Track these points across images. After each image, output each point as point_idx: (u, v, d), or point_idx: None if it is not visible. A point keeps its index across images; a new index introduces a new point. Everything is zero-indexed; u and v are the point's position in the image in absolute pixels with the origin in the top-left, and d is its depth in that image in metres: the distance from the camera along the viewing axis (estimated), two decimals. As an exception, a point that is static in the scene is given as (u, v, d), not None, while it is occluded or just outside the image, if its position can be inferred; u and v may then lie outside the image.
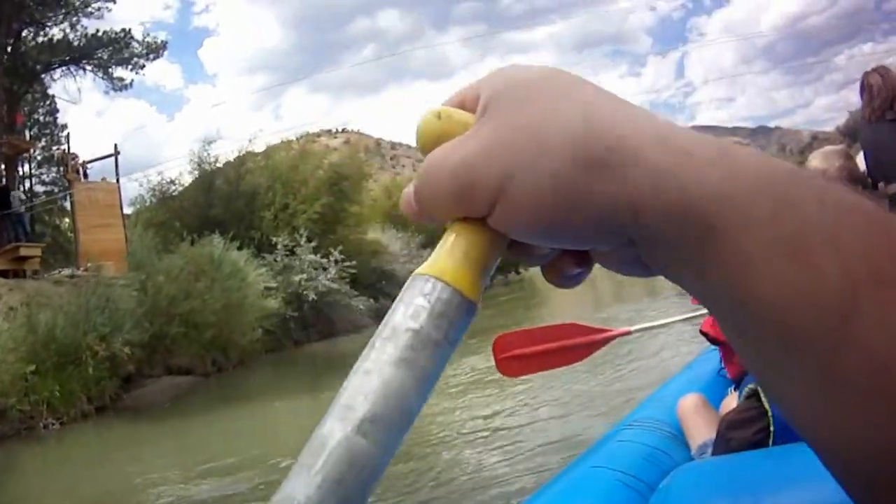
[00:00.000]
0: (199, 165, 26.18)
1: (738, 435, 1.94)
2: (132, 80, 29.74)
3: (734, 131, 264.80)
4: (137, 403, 13.94)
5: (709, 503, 1.54)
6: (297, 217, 24.79)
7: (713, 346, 3.30)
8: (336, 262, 23.54)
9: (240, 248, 20.85)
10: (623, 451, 2.45)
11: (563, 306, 20.48)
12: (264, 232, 24.12)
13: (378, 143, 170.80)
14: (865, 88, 3.10)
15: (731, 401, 2.54)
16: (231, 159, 27.05)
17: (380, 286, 27.63)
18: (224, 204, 25.06)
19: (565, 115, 0.37)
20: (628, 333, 3.92)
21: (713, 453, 2.12)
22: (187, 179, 26.43)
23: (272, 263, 22.52)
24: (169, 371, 15.90)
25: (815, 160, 2.96)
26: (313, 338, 22.41)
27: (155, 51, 29.79)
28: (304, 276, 22.65)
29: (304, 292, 22.29)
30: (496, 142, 0.38)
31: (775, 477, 1.52)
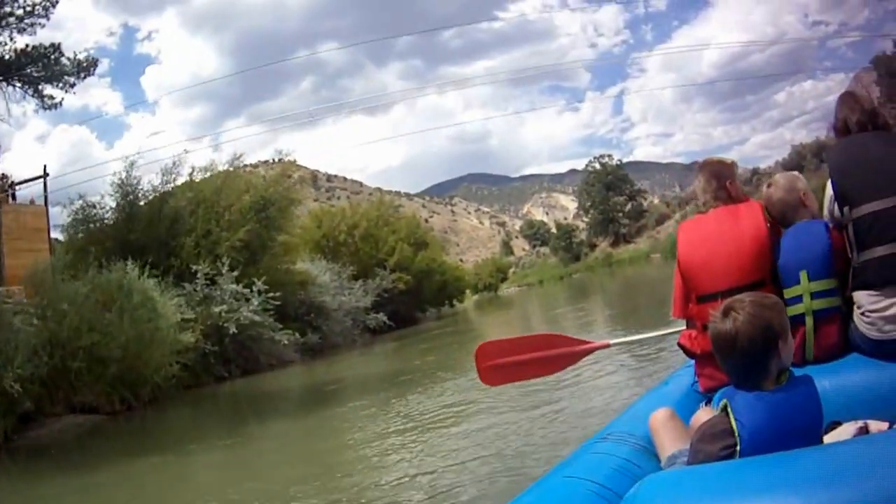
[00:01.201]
0: (122, 188, 24.87)
1: (706, 448, 1.94)
2: (62, 99, 28.54)
3: (668, 167, 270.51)
4: (34, 444, 12.89)
5: None
6: (220, 245, 23.77)
7: (690, 362, 3.29)
8: (259, 292, 22.46)
9: (159, 277, 19.92)
10: (595, 463, 2.51)
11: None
12: (184, 259, 23.02)
13: (315, 175, 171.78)
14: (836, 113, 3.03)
15: (701, 414, 2.54)
16: (155, 183, 25.84)
17: (308, 319, 26.77)
18: (145, 229, 23.89)
19: None
20: (607, 346, 4.16)
21: (688, 464, 2.11)
22: (110, 203, 25.06)
23: (192, 293, 21.59)
24: (72, 409, 14.85)
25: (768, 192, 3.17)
26: (235, 374, 21.29)
27: (86, 69, 28.72)
28: (225, 307, 21.60)
29: (225, 325, 21.21)
30: None
31: (741, 487, 1.56)
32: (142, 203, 25.07)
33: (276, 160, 29.76)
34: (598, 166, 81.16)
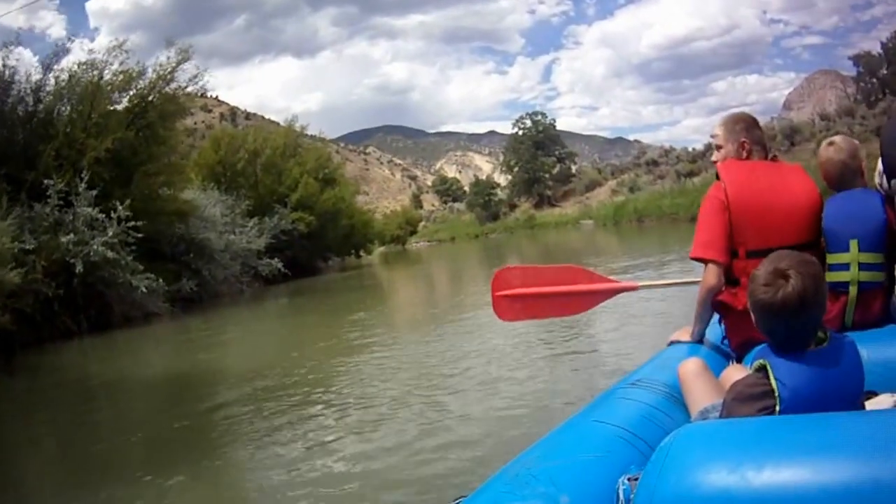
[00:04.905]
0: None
1: (742, 409, 1.84)
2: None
3: (589, 139, 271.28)
4: None
5: (710, 464, 1.54)
6: (86, 155, 19.21)
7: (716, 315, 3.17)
8: (119, 220, 17.52)
9: (10, 192, 16.33)
10: (625, 409, 2.43)
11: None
12: (40, 172, 18.43)
13: (234, 110, 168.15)
14: None
15: (732, 371, 2.50)
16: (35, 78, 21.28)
17: (185, 260, 22.22)
18: (8, 134, 19.93)
19: None
20: (634, 289, 4.01)
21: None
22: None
23: (41, 216, 17.18)
24: None
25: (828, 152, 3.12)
26: (85, 328, 16.79)
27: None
28: (73, 237, 16.89)
29: (73, 261, 16.60)
30: None
31: (780, 444, 1.52)
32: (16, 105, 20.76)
33: (199, 95, 26.38)
34: (529, 123, 77.95)
